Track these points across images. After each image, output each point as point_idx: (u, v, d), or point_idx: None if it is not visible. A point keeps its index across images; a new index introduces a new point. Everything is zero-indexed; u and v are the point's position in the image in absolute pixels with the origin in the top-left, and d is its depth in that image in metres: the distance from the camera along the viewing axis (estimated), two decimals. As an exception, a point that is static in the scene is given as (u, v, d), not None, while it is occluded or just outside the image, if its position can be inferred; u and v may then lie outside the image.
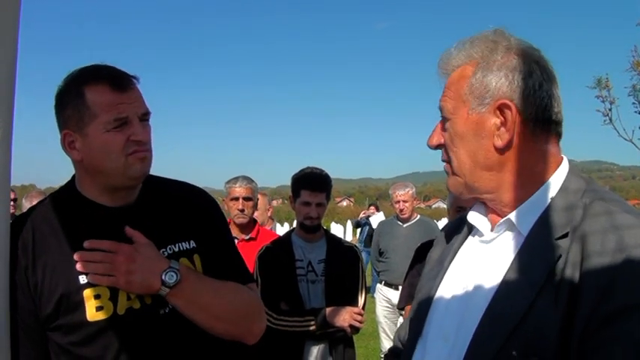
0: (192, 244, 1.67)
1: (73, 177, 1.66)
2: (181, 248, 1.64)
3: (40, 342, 1.50)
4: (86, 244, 1.50)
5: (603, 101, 8.14)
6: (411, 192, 5.82)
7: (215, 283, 1.63)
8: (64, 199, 1.63)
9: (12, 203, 3.78)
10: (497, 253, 1.21)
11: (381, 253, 6.15)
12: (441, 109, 1.25)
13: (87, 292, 1.48)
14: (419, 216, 5.99)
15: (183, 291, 1.53)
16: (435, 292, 1.33)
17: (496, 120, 1.16)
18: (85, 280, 1.49)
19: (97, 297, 1.49)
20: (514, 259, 1.14)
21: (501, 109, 1.16)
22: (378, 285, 6.22)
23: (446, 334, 1.22)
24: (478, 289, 1.20)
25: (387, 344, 5.91)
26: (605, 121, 8.15)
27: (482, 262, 1.24)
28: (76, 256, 1.49)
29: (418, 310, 1.38)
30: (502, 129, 1.16)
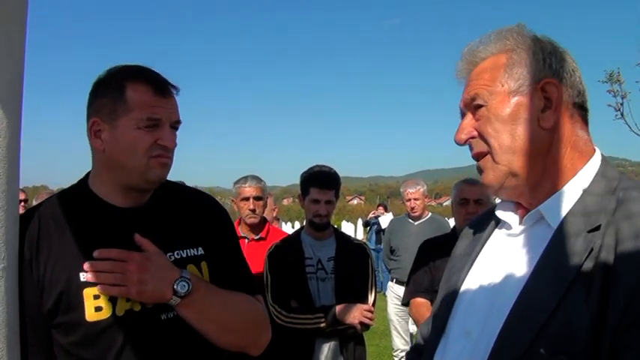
0: (201, 250, 1.66)
1: (87, 174, 1.66)
2: (189, 254, 1.63)
3: (45, 339, 1.49)
4: (96, 253, 1.49)
5: (615, 95, 8.07)
6: (422, 190, 5.80)
7: (224, 295, 1.62)
8: (74, 195, 1.63)
9: (22, 204, 3.79)
10: (526, 247, 1.17)
11: (392, 251, 6.13)
12: (472, 98, 1.20)
13: (87, 291, 1.48)
14: (430, 214, 5.97)
15: (193, 301, 1.52)
16: (460, 286, 1.29)
17: (539, 102, 1.13)
18: (86, 278, 1.48)
19: (96, 297, 1.48)
20: (543, 253, 1.10)
21: (545, 89, 1.13)
22: (390, 283, 6.21)
23: (469, 330, 1.18)
24: (505, 283, 1.16)
25: (398, 342, 5.90)
26: (616, 115, 8.09)
27: (509, 256, 1.20)
28: (85, 266, 1.48)
29: (443, 305, 1.34)
30: (547, 111, 1.13)
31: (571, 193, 1.13)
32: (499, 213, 1.27)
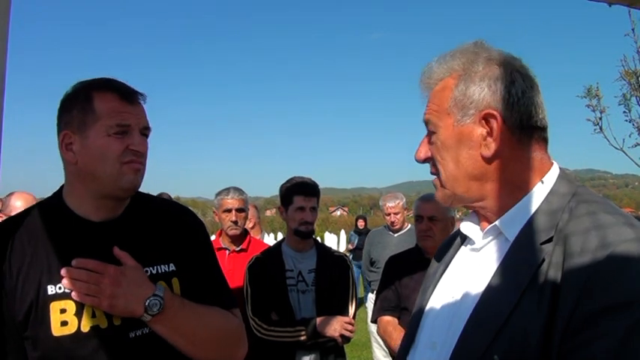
0: (172, 267, 1.65)
1: (61, 187, 1.65)
2: (160, 271, 1.62)
3: (22, 350, 1.47)
4: (74, 262, 1.49)
5: (594, 110, 8.22)
6: (401, 203, 5.85)
7: (199, 310, 1.61)
8: (49, 209, 1.62)
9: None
10: (486, 260, 1.22)
11: (372, 263, 6.15)
12: (426, 122, 1.26)
13: (53, 305, 1.47)
14: (410, 225, 6.00)
15: (165, 318, 1.52)
16: (427, 302, 1.34)
17: (482, 130, 1.17)
18: (54, 292, 1.48)
19: (62, 311, 1.47)
20: (499, 265, 1.15)
21: (486, 118, 1.17)
22: (370, 295, 6.22)
23: (434, 342, 1.23)
24: (466, 295, 1.21)
25: (379, 354, 5.89)
26: (595, 130, 8.23)
27: (471, 270, 1.25)
28: (63, 272, 1.48)
29: (411, 321, 1.39)
30: (489, 139, 1.17)
31: (525, 209, 1.17)
32: (463, 228, 1.33)
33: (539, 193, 1.18)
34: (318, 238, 3.55)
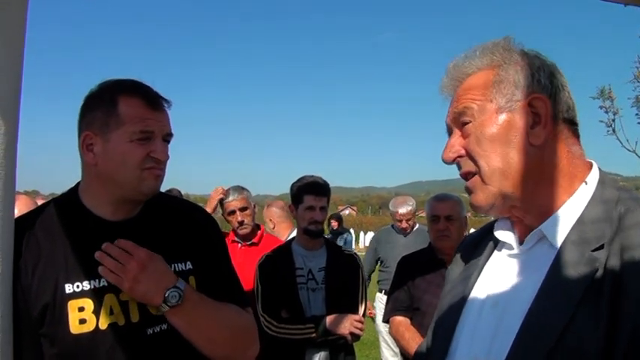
0: (189, 265, 1.66)
1: (77, 184, 1.66)
2: (177, 269, 1.63)
3: (38, 346, 1.48)
4: (116, 242, 1.53)
5: (606, 112, 8.14)
6: (412, 209, 5.81)
7: (216, 306, 1.63)
8: (64, 206, 1.62)
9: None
10: (529, 268, 1.13)
11: (381, 262, 6.14)
12: (460, 113, 1.17)
13: (71, 304, 1.48)
14: (418, 225, 5.99)
15: (183, 312, 1.53)
16: (461, 311, 1.23)
17: (528, 118, 1.10)
18: (71, 290, 1.49)
19: (80, 309, 1.49)
20: (548, 273, 1.06)
21: (533, 104, 1.10)
22: (379, 294, 6.21)
23: (476, 355, 1.13)
24: (510, 306, 1.11)
25: (387, 354, 5.90)
26: (608, 131, 8.15)
27: (512, 278, 1.16)
28: (102, 247, 1.51)
29: (441, 329, 1.28)
30: (536, 127, 1.10)
31: (572, 211, 1.09)
32: (498, 234, 1.23)
33: (584, 196, 1.10)
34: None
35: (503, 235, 1.22)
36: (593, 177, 1.13)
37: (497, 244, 1.26)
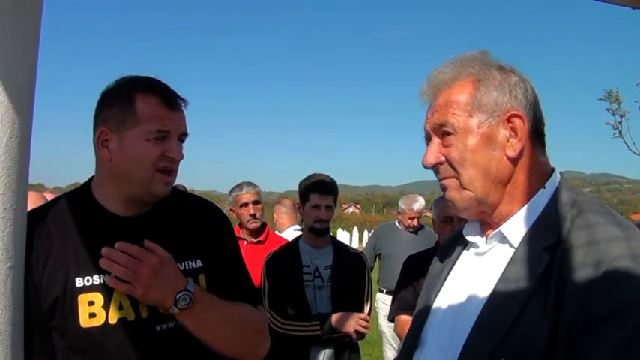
0: (199, 263, 1.65)
1: (90, 179, 1.66)
2: (187, 267, 1.62)
3: (49, 338, 1.49)
4: (117, 245, 1.50)
5: (613, 114, 8.13)
6: (424, 207, 5.84)
7: (227, 306, 1.62)
8: (77, 201, 1.63)
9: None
10: (490, 264, 1.24)
11: (380, 258, 6.13)
12: (439, 125, 1.25)
13: (82, 297, 1.49)
14: (425, 227, 5.98)
15: (193, 313, 1.53)
16: (432, 304, 1.36)
17: (505, 132, 1.20)
18: (82, 284, 1.49)
19: (90, 303, 1.49)
20: (504, 270, 1.17)
21: (511, 120, 1.20)
22: (380, 294, 6.13)
23: (442, 345, 1.25)
24: (471, 299, 1.23)
25: (390, 353, 5.90)
26: (614, 134, 8.14)
27: (475, 274, 1.27)
28: (104, 251, 1.49)
29: (416, 320, 1.40)
30: (512, 140, 1.20)
31: (530, 213, 1.20)
32: (466, 233, 1.35)
33: (542, 198, 1.21)
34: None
35: (470, 233, 1.35)
36: (553, 182, 1.24)
37: (467, 243, 1.38)
